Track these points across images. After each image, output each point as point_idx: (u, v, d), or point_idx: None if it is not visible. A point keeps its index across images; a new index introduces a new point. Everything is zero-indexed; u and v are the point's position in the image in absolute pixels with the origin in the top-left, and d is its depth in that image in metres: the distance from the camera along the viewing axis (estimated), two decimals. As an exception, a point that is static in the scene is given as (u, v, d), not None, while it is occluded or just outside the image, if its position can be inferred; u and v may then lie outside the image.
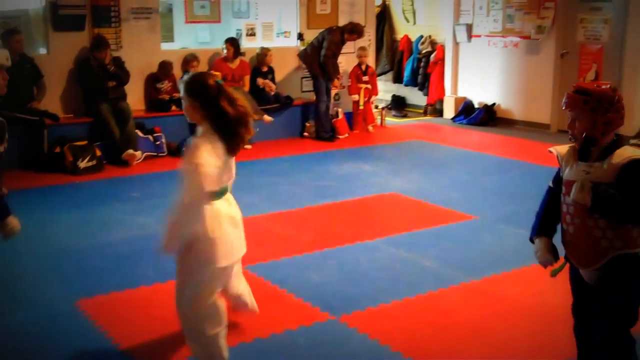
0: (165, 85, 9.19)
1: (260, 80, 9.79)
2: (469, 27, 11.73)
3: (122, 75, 8.69)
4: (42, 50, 8.83)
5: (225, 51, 9.55)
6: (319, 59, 9.83)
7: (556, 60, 10.62)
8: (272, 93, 9.86)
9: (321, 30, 10.00)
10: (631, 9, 9.68)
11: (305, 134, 10.15)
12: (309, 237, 5.86)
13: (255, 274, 4.95)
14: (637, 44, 9.68)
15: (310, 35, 10.22)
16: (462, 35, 11.81)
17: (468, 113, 11.54)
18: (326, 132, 10.03)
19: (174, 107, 8.95)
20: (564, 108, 3.03)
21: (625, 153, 2.91)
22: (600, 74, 10.09)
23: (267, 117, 9.44)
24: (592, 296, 3.08)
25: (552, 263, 3.18)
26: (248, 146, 9.36)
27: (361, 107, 10.56)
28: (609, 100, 2.91)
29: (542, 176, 7.85)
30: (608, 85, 2.97)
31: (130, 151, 8.36)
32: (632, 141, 9.38)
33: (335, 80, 10.22)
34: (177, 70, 9.29)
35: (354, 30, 9.94)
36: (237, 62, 9.65)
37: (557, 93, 10.66)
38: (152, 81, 9.21)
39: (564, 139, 3.17)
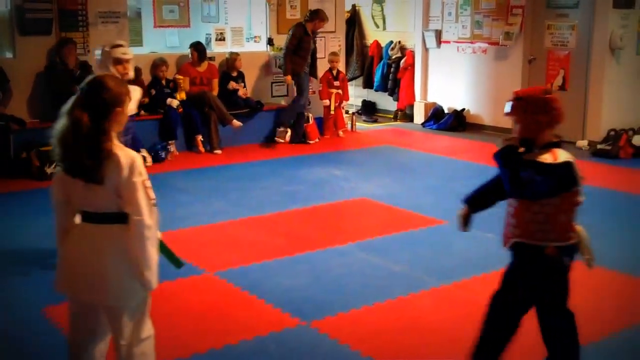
0: (134, 90, 9.08)
1: (232, 84, 9.74)
2: (438, 33, 11.81)
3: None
4: (8, 54, 8.70)
5: (190, 56, 9.51)
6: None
7: (524, 66, 10.72)
8: (244, 97, 9.82)
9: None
10: (597, 15, 9.81)
11: (276, 138, 10.12)
12: (279, 243, 5.83)
13: (225, 279, 4.93)
14: (603, 50, 9.81)
15: (280, 40, 10.21)
16: (431, 41, 11.87)
17: (438, 118, 11.60)
18: (282, 125, 9.92)
19: (142, 112, 8.86)
20: (505, 115, 3.27)
21: (558, 155, 3.13)
22: (567, 80, 10.23)
23: (236, 122, 9.40)
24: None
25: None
26: (218, 151, 9.33)
27: (332, 112, 10.56)
28: (540, 103, 3.17)
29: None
30: (542, 90, 3.27)
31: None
32: (598, 146, 9.51)
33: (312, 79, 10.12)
34: (146, 75, 9.22)
35: (313, 17, 9.80)
36: (204, 65, 9.60)
37: (525, 98, 10.75)
38: (120, 86, 9.09)
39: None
